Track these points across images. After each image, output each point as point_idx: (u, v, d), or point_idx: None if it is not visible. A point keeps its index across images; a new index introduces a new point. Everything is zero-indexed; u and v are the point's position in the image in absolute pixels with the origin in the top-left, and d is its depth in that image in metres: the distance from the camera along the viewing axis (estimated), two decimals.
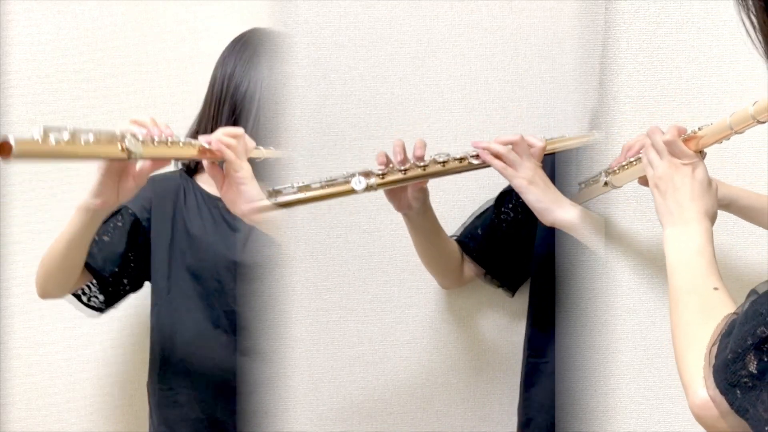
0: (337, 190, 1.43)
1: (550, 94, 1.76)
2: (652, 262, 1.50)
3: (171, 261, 1.65)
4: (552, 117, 1.76)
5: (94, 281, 1.64)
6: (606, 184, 1.45)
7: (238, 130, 1.43)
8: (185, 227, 1.64)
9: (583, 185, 1.53)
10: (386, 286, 1.74)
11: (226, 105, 1.62)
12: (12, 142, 1.08)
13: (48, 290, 1.60)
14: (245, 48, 1.64)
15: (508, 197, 1.70)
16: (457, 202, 1.73)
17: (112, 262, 1.63)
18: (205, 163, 1.42)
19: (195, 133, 1.68)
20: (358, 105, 1.70)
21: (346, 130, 1.70)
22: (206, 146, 1.38)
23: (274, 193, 1.42)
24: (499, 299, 1.78)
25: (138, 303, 1.75)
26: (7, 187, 1.79)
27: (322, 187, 1.43)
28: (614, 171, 1.43)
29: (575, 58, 1.71)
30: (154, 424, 1.70)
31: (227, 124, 1.61)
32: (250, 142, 1.46)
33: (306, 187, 1.42)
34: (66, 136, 1.15)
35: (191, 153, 1.37)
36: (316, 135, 1.69)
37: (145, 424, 1.83)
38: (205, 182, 1.67)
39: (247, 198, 1.41)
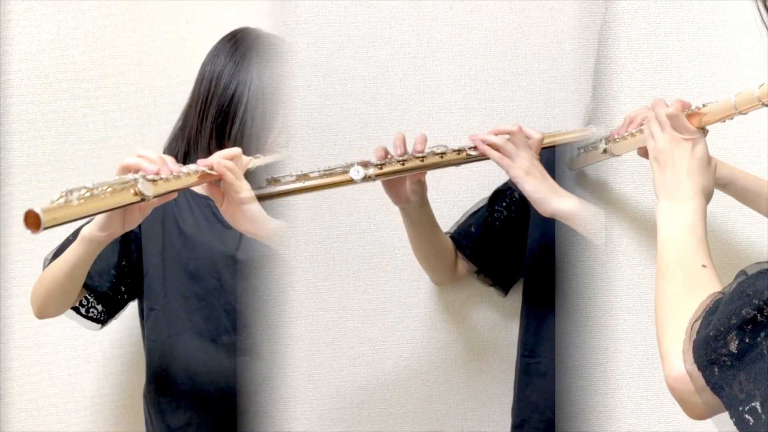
0: (335, 179, 1.44)
1: (550, 94, 1.76)
2: (653, 262, 1.50)
3: (165, 264, 1.64)
4: (552, 117, 1.76)
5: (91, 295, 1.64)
6: (605, 151, 1.45)
7: (235, 151, 1.44)
8: (178, 228, 1.64)
9: (582, 150, 1.53)
10: (386, 286, 1.74)
11: (213, 106, 1.61)
12: (40, 212, 1.12)
13: (46, 312, 1.60)
14: (236, 48, 1.63)
15: (502, 196, 1.70)
16: (455, 200, 1.73)
17: (107, 276, 1.63)
18: (204, 185, 1.44)
19: (180, 131, 1.67)
20: (358, 105, 1.70)
21: (346, 130, 1.70)
22: (207, 171, 1.40)
23: (272, 182, 1.43)
24: (499, 299, 1.78)
25: (137, 303, 1.75)
26: (7, 187, 1.79)
27: (320, 177, 1.44)
28: (614, 139, 1.43)
29: (575, 58, 1.71)
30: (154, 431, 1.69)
31: (213, 126, 1.61)
32: (245, 159, 1.47)
33: (304, 176, 1.43)
34: (84, 193, 1.19)
35: (193, 180, 1.39)
36: (316, 135, 1.69)
37: (145, 424, 1.83)
38: None
39: (250, 217, 1.42)
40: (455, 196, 1.73)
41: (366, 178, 1.44)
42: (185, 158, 1.65)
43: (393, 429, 1.76)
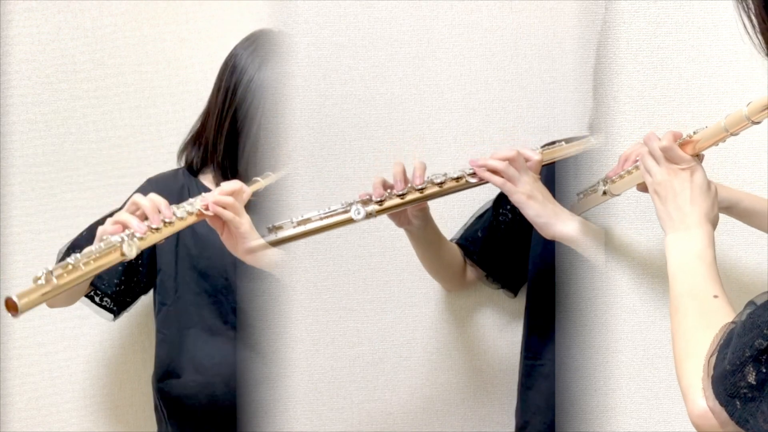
0: (336, 220, 1.45)
1: (550, 94, 1.76)
2: (652, 263, 1.50)
3: (177, 261, 1.66)
4: (552, 117, 1.76)
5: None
6: (605, 193, 1.45)
7: (235, 186, 1.46)
8: (191, 226, 1.64)
9: (581, 195, 1.53)
10: (386, 286, 1.74)
11: (228, 121, 1.63)
12: (16, 299, 1.19)
13: (55, 303, 1.62)
14: (252, 58, 1.63)
15: (506, 198, 1.69)
16: (457, 203, 1.73)
17: (115, 274, 1.64)
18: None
19: (198, 135, 1.69)
20: (358, 105, 1.70)
21: (346, 130, 1.70)
22: (203, 211, 1.43)
23: (274, 229, 1.44)
24: (500, 299, 1.78)
25: (138, 303, 1.74)
26: (7, 187, 1.79)
27: (321, 219, 1.45)
28: (612, 180, 1.43)
29: (575, 58, 1.70)
30: (164, 420, 1.71)
31: (227, 141, 1.63)
32: (248, 190, 1.48)
33: (305, 221, 1.44)
34: (68, 267, 1.26)
35: (191, 221, 1.43)
36: (316, 135, 1.69)
37: (145, 423, 1.83)
38: (209, 181, 1.68)
39: (249, 249, 1.45)
40: (456, 199, 1.73)
41: (367, 216, 1.46)
42: (201, 165, 1.68)
43: (393, 429, 1.76)
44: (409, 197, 1.48)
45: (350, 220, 1.45)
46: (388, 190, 1.47)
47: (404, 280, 1.74)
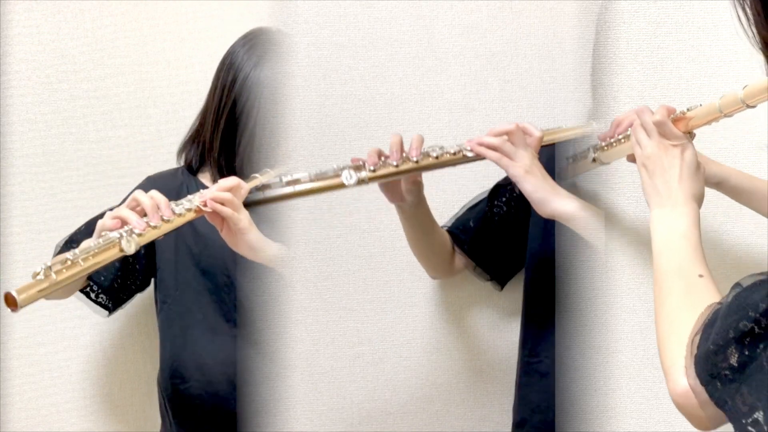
0: (327, 184, 1.42)
1: (550, 94, 1.76)
2: (652, 262, 1.50)
3: (177, 259, 1.66)
4: (552, 117, 1.76)
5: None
6: (594, 160, 1.44)
7: (233, 182, 1.45)
8: (191, 224, 1.65)
9: (570, 160, 1.52)
10: (386, 286, 1.74)
11: (223, 119, 1.63)
12: (15, 294, 1.22)
13: (51, 296, 1.61)
14: (248, 56, 1.63)
15: (503, 190, 1.69)
16: (452, 194, 1.73)
17: (112, 270, 1.64)
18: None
19: (196, 134, 1.69)
20: (358, 105, 1.70)
21: (346, 130, 1.70)
22: (201, 207, 1.43)
23: (262, 187, 1.42)
24: (500, 299, 1.78)
25: (138, 302, 1.75)
26: (7, 187, 1.79)
27: (311, 181, 1.41)
28: (602, 147, 1.42)
29: (575, 58, 1.71)
30: (168, 418, 1.71)
31: (222, 139, 1.63)
32: (246, 186, 1.48)
33: (295, 181, 1.41)
34: (66, 263, 1.27)
35: (189, 217, 1.43)
36: (316, 135, 1.69)
37: (145, 423, 1.83)
38: (208, 180, 1.68)
39: (250, 245, 1.45)
40: (451, 190, 1.73)
41: (359, 182, 1.42)
42: (200, 163, 1.69)
43: (393, 429, 1.76)
44: (403, 166, 1.44)
45: (341, 185, 1.41)
46: (383, 158, 1.45)
47: (404, 280, 1.75)
